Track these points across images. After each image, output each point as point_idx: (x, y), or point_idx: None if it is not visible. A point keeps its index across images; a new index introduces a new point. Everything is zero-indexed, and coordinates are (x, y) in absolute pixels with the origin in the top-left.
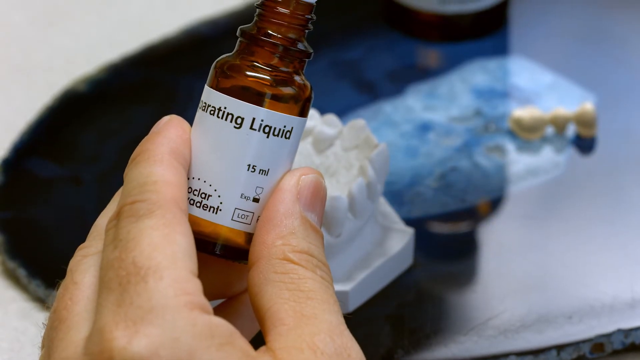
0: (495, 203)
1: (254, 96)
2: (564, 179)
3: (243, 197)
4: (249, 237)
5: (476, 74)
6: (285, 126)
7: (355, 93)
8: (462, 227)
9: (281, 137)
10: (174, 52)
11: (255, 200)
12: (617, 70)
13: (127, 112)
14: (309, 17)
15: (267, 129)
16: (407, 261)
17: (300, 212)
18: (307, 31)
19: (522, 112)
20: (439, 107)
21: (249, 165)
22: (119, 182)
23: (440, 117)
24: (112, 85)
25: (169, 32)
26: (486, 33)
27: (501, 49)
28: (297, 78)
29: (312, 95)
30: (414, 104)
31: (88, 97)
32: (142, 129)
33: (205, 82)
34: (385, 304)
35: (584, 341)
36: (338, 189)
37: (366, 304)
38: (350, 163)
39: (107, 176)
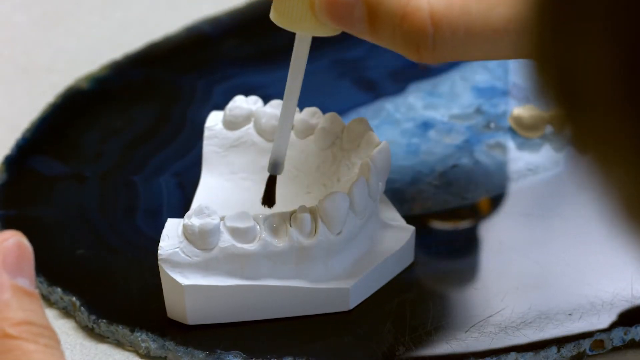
0: (496, 200)
1: None
2: (564, 177)
3: None
4: None
5: (477, 73)
6: None
7: (356, 91)
8: (463, 224)
9: None
10: (177, 51)
11: None
12: None
13: (130, 110)
14: None
15: None
16: (409, 259)
17: (10, 282)
18: None
19: (521, 111)
20: (440, 105)
21: None
22: (122, 180)
23: (441, 115)
24: (114, 83)
25: (171, 30)
26: None
27: None
28: None
29: None
30: (415, 102)
31: (91, 95)
32: (145, 127)
33: (209, 81)
34: (387, 301)
35: (584, 338)
36: (339, 187)
37: (367, 302)
38: (351, 161)
39: (110, 174)
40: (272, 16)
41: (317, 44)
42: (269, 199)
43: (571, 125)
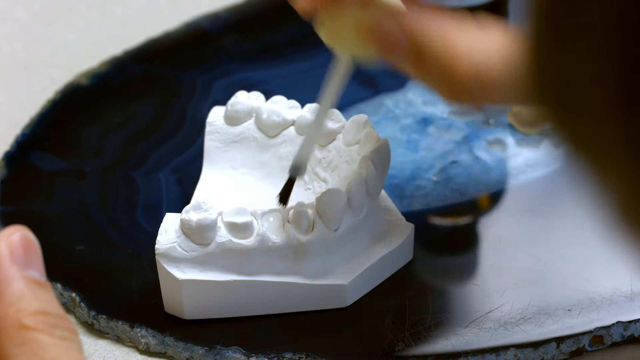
0: (495, 196)
1: None
2: (563, 173)
3: None
4: None
5: None
6: None
7: (356, 87)
8: (462, 220)
9: None
10: (176, 47)
11: None
12: None
13: (130, 106)
14: None
15: None
16: (407, 256)
17: (21, 274)
18: None
19: (520, 107)
20: (440, 101)
21: None
22: (122, 176)
23: (440, 111)
24: (114, 79)
25: (171, 26)
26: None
27: None
28: None
29: None
30: (415, 98)
31: (90, 91)
32: (144, 123)
33: (208, 77)
34: (387, 297)
35: (583, 333)
36: (339, 184)
37: (367, 298)
38: (351, 158)
39: (110, 170)
40: (320, 33)
41: (317, 40)
42: (284, 197)
43: (565, 129)
